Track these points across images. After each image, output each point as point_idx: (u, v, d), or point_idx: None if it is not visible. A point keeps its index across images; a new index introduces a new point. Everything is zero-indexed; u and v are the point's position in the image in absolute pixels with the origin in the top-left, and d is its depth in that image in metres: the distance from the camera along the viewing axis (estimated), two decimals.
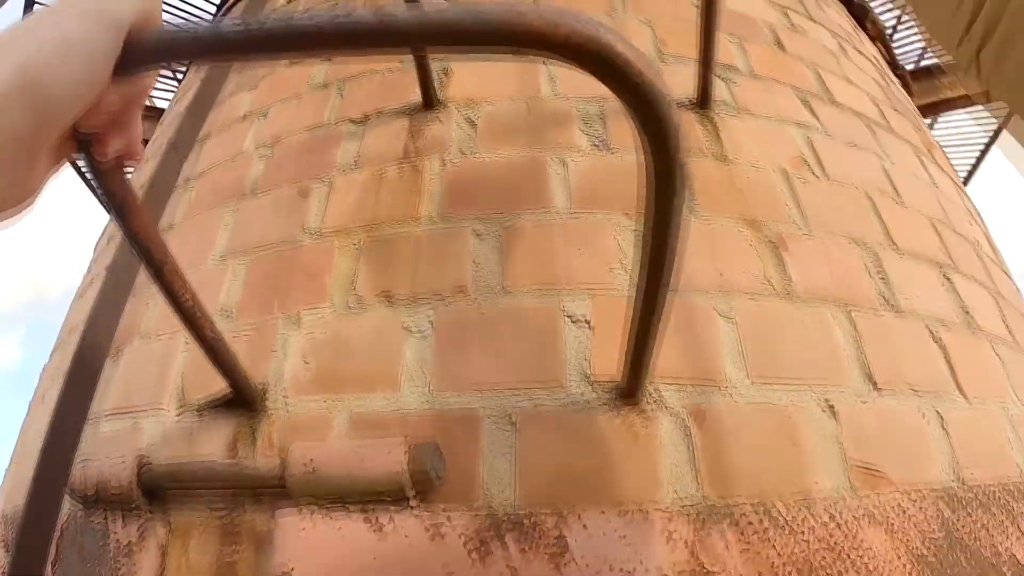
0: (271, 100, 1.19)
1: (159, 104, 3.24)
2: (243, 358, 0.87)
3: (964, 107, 2.40)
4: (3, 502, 1.19)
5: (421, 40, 0.32)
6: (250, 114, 1.19)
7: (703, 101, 1.01)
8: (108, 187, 0.43)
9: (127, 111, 0.33)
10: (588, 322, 0.79)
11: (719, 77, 1.06)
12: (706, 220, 0.89)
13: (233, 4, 1.97)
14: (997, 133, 2.79)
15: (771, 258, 0.88)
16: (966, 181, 3.18)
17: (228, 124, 1.20)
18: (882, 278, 0.95)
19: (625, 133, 0.98)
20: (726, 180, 0.95)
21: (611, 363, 0.77)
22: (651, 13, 1.17)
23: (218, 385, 0.80)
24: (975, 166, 3.08)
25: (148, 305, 1.01)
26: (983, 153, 2.99)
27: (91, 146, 0.33)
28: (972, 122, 2.80)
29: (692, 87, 1.05)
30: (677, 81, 1.07)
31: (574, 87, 1.03)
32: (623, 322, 0.82)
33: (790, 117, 1.08)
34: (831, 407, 0.80)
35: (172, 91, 3.70)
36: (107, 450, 0.89)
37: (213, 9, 2.90)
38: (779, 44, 1.23)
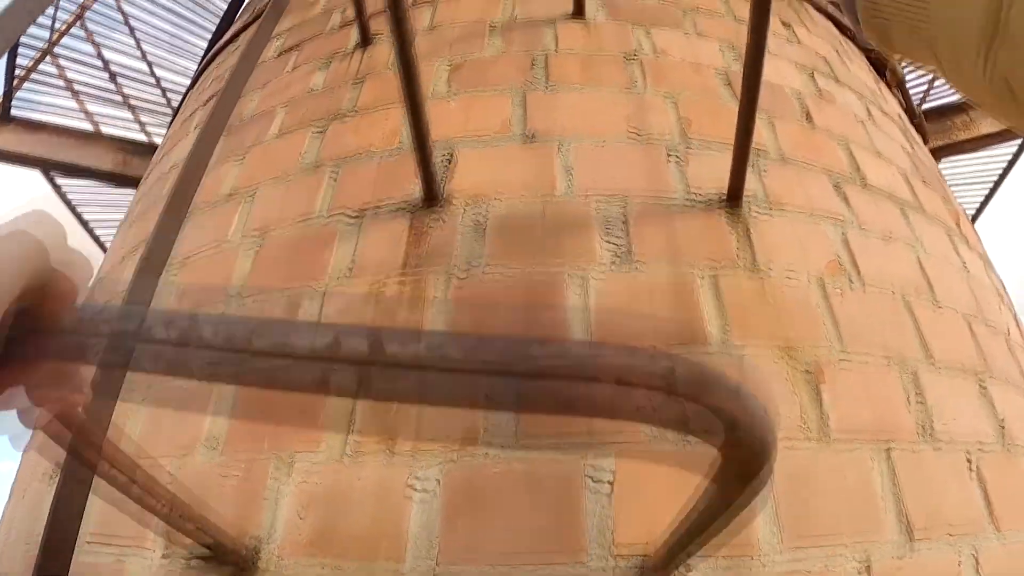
0: (259, 177, 1.08)
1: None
2: (230, 502, 0.79)
3: (972, 150, 2.32)
4: None
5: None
6: (236, 193, 1.08)
7: (734, 196, 0.93)
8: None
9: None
10: (611, 483, 0.72)
11: (749, 166, 0.97)
12: (739, 349, 0.82)
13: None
14: (1007, 170, 2.71)
15: (808, 393, 0.81)
16: (974, 219, 3.10)
17: (212, 202, 1.10)
18: (920, 402, 0.89)
19: (649, 239, 0.89)
20: (759, 295, 0.87)
21: (633, 529, 0.71)
22: (674, 86, 1.08)
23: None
24: (984, 203, 3.01)
25: (129, 420, 0.93)
26: (992, 190, 2.92)
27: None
28: (980, 160, 2.71)
29: (720, 177, 0.96)
30: (704, 171, 0.99)
31: (592, 181, 0.94)
32: (647, 482, 0.76)
33: (824, 210, 1.00)
34: (868, 568, 0.74)
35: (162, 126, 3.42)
36: None
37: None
38: (808, 117, 1.14)
